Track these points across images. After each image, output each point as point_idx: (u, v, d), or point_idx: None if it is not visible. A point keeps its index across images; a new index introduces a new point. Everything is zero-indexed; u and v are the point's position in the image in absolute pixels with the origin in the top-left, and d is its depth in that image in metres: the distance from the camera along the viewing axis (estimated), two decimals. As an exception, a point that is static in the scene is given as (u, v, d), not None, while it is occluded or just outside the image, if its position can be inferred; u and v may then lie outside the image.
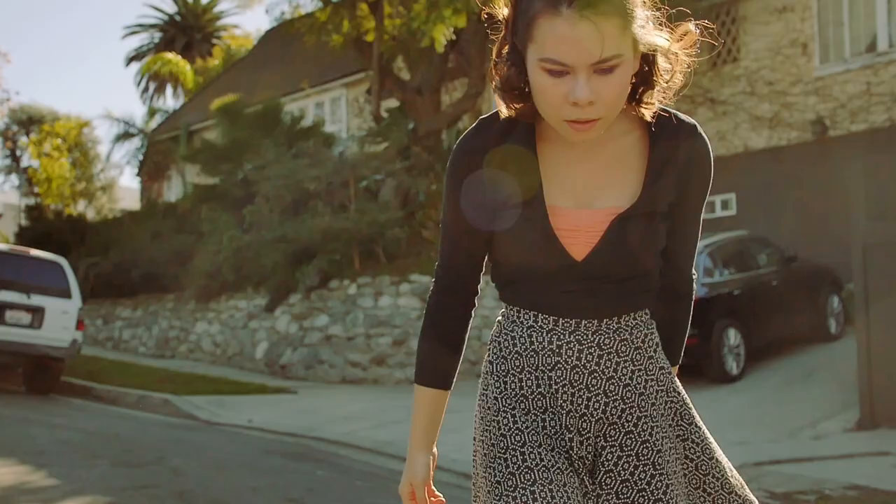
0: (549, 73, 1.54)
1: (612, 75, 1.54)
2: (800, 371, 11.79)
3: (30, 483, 6.51)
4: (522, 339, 1.76)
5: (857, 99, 15.00)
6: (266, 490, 6.71)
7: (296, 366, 15.18)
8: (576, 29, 1.50)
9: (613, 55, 1.53)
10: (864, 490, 6.77)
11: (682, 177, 1.73)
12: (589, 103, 1.54)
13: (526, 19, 1.56)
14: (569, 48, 1.51)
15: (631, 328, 1.74)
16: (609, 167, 1.70)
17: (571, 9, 1.50)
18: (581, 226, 1.68)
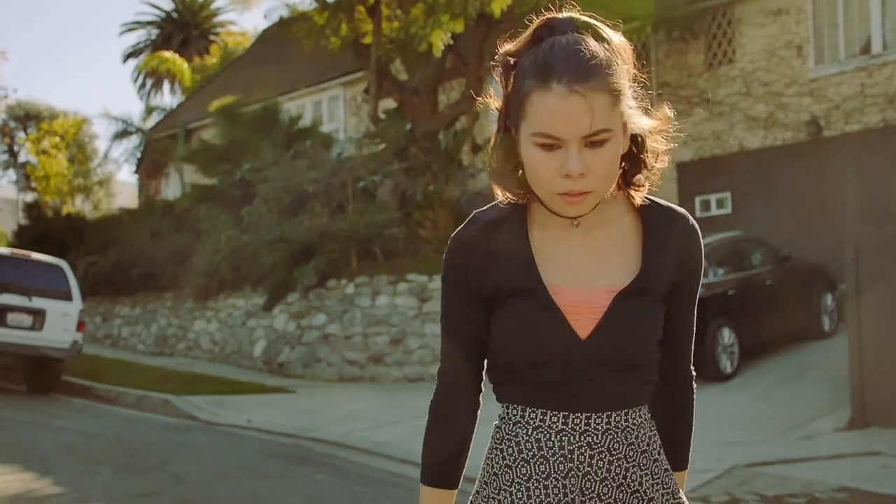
0: (541, 148, 1.57)
1: (602, 149, 1.57)
2: (793, 369, 11.92)
3: (36, 491, 6.63)
4: (529, 444, 1.68)
5: (851, 100, 15.12)
6: (266, 497, 6.82)
7: (294, 364, 15.29)
8: (566, 103, 1.54)
9: (603, 129, 1.56)
10: (853, 492, 6.90)
11: (678, 262, 1.73)
12: (580, 175, 1.56)
13: (518, 98, 1.60)
14: (560, 121, 1.54)
15: (637, 427, 1.70)
16: (605, 249, 1.70)
17: (562, 84, 1.54)
18: (583, 302, 1.66)
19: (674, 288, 1.74)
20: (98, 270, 19.74)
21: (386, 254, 15.21)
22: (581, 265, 1.69)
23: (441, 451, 1.79)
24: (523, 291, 1.66)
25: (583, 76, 1.55)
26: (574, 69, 1.55)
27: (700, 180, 16.69)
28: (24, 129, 38.10)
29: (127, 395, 13.07)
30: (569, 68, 1.55)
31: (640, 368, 1.71)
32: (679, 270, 1.74)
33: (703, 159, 16.76)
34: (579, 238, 1.70)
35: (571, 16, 1.66)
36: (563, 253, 1.69)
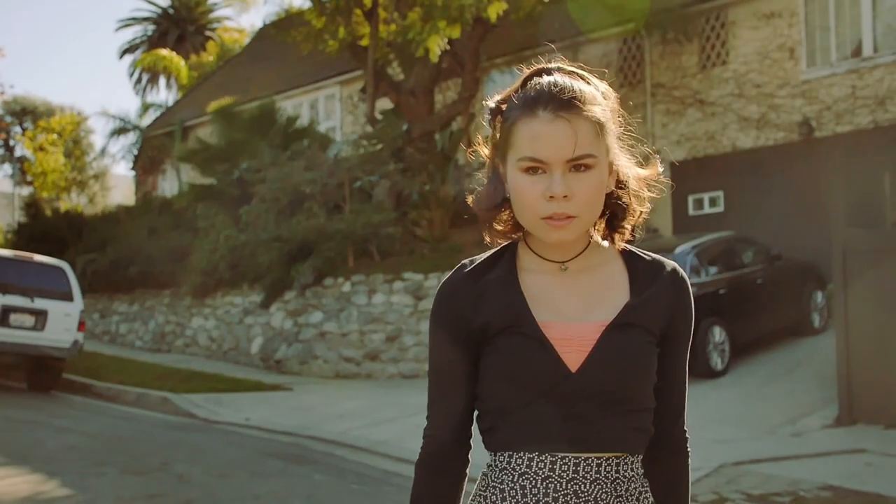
0: (527, 173, 1.60)
1: (586, 174, 1.59)
2: (783, 366, 12.12)
3: (45, 493, 6.80)
4: (513, 491, 1.65)
5: (842, 102, 15.30)
6: (267, 497, 6.99)
7: (290, 361, 15.45)
8: (551, 126, 1.58)
9: (587, 154, 1.59)
10: (838, 490, 7.08)
11: (666, 310, 1.72)
12: (564, 198, 1.57)
13: (505, 129, 1.64)
14: (544, 144, 1.57)
15: (627, 480, 1.67)
16: (593, 290, 1.70)
17: (547, 111, 1.59)
18: (573, 336, 1.65)
19: (665, 337, 1.72)
20: (96, 268, 19.87)
21: (382, 253, 15.38)
22: (570, 303, 1.68)
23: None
24: (512, 328, 1.64)
25: (567, 104, 1.60)
26: (559, 97, 1.61)
27: (693, 179, 16.87)
28: (21, 125, 38.13)
29: (126, 393, 13.24)
30: (554, 97, 1.61)
31: (632, 411, 1.67)
32: (669, 320, 1.72)
33: (696, 159, 16.94)
34: (568, 281, 1.70)
35: (559, 66, 1.73)
36: (551, 294, 1.68)
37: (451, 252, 14.54)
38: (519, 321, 1.65)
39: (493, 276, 1.70)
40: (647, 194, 1.77)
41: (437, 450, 1.75)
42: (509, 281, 1.68)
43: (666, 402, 1.76)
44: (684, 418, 1.83)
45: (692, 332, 1.80)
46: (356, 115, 21.90)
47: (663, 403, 1.75)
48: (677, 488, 1.82)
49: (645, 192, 1.76)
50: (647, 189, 1.77)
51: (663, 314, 1.71)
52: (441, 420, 1.74)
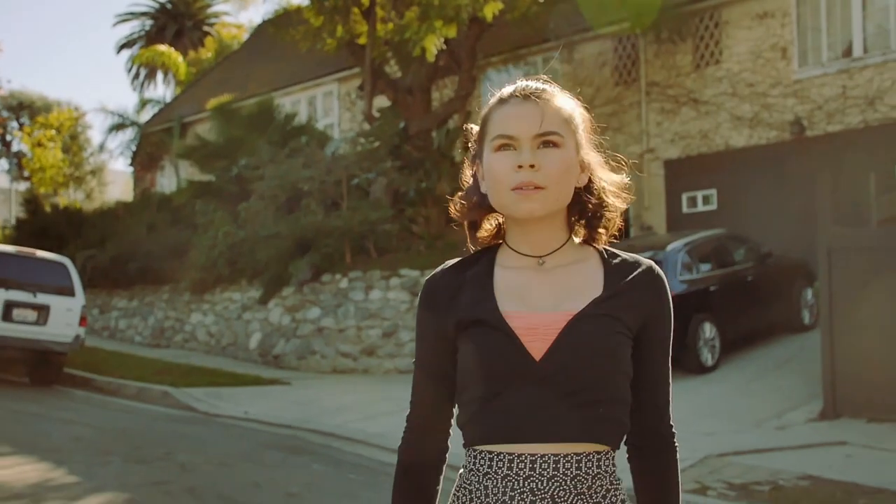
0: (499, 150, 1.71)
1: (553, 150, 1.69)
2: (772, 362, 12.34)
3: (53, 480, 7.04)
4: (478, 492, 1.71)
5: (833, 101, 15.52)
6: (268, 485, 7.24)
7: (288, 356, 15.65)
8: (521, 107, 1.73)
9: (554, 131, 1.70)
10: (816, 480, 7.32)
11: (643, 306, 1.76)
12: (531, 166, 1.67)
13: (482, 122, 1.79)
14: (514, 121, 1.71)
15: (591, 477, 1.69)
16: (567, 284, 1.75)
17: (517, 96, 1.75)
18: (538, 326, 1.69)
19: (642, 334, 1.76)
20: (96, 264, 20.03)
21: (379, 249, 15.58)
22: (541, 295, 1.74)
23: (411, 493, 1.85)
24: (480, 321, 1.71)
25: (538, 90, 1.77)
26: (530, 87, 1.77)
27: (687, 177, 17.10)
28: (17, 119, 38.22)
29: (127, 387, 13.44)
30: (525, 87, 1.78)
31: (600, 401, 1.68)
32: (645, 318, 1.76)
33: (689, 157, 17.16)
34: (543, 276, 1.76)
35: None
36: (524, 287, 1.75)
37: (448, 249, 14.74)
38: (485, 314, 1.72)
39: (470, 272, 1.79)
40: (619, 203, 1.85)
41: (415, 437, 1.88)
42: (484, 277, 1.77)
43: (650, 399, 1.79)
44: (670, 415, 1.85)
45: (672, 330, 1.83)
46: (354, 113, 22.09)
47: (648, 401, 1.79)
48: (667, 484, 1.83)
49: (617, 200, 1.85)
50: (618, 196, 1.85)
51: (638, 310, 1.75)
52: (420, 408, 1.87)
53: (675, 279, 12.31)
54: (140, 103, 32.96)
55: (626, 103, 17.93)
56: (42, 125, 30.68)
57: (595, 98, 18.18)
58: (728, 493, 7.12)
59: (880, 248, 9.68)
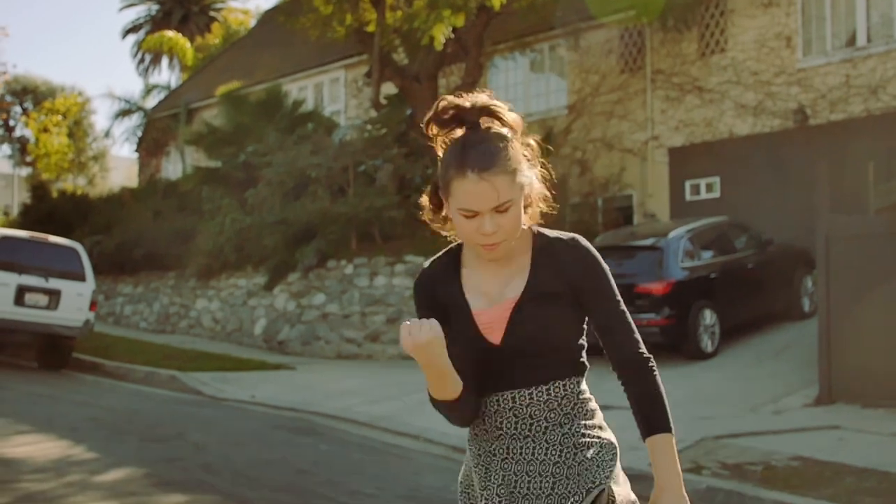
0: (464, 217, 2.14)
1: (507, 213, 2.14)
2: (771, 348, 12.48)
3: (74, 456, 7.27)
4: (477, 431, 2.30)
5: (836, 90, 15.60)
6: (278, 463, 7.45)
7: (293, 342, 15.81)
8: (478, 186, 2.11)
9: (506, 201, 2.13)
10: (807, 461, 7.54)
11: (569, 269, 2.23)
12: (493, 233, 2.14)
13: (445, 181, 2.18)
14: (475, 200, 2.12)
15: (560, 398, 2.25)
16: (508, 276, 2.27)
17: (474, 173, 2.11)
18: (494, 319, 2.24)
19: (578, 291, 2.24)
20: (102, 250, 20.14)
21: (384, 236, 15.71)
22: (492, 288, 2.27)
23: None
24: (458, 313, 2.26)
25: (488, 166, 2.12)
26: (481, 162, 2.11)
27: (690, 165, 17.20)
28: (21, 104, 38.28)
29: (135, 372, 13.61)
30: (477, 161, 2.11)
31: (553, 353, 2.25)
32: (573, 277, 2.23)
33: (693, 144, 17.25)
34: (493, 271, 2.28)
35: (476, 103, 2.19)
36: (480, 281, 2.28)
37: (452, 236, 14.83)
38: (462, 310, 2.26)
39: (443, 272, 2.32)
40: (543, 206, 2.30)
41: None
42: (454, 278, 2.31)
43: (612, 337, 2.25)
44: (638, 343, 2.25)
45: (608, 277, 2.25)
46: (360, 100, 22.18)
47: (611, 339, 2.25)
48: (653, 398, 2.21)
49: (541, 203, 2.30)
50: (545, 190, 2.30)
51: (563, 276, 2.22)
52: None
53: (676, 266, 12.44)
54: (146, 89, 33.02)
55: (631, 91, 18.02)
56: (48, 110, 30.74)
57: (601, 85, 18.28)
58: (721, 472, 7.31)
59: (878, 236, 9.80)
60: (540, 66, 19.61)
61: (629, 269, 12.68)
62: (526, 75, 19.72)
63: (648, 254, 12.63)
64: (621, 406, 8.50)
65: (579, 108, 18.60)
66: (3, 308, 12.86)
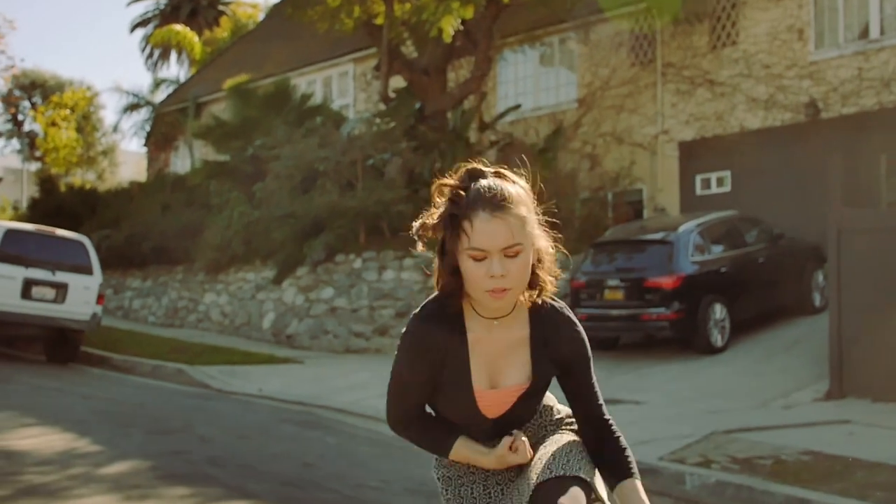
0: (473, 260, 2.19)
1: (516, 258, 2.20)
2: (782, 343, 12.40)
3: (78, 448, 7.23)
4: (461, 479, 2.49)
5: (848, 83, 15.47)
6: (284, 456, 7.41)
7: (302, 336, 15.77)
8: (489, 225, 2.18)
9: (517, 243, 2.19)
10: (817, 455, 7.49)
11: (559, 351, 2.37)
12: (502, 276, 2.18)
13: (456, 222, 2.23)
14: (486, 238, 2.18)
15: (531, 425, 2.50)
16: (508, 355, 2.36)
17: (486, 212, 2.18)
18: (494, 402, 2.36)
19: (564, 367, 2.39)
20: (110, 244, 20.14)
21: (393, 230, 15.64)
22: (495, 369, 2.36)
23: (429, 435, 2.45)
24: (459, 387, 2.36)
25: (499, 206, 2.20)
26: (494, 201, 2.20)
27: (701, 159, 17.09)
28: (30, 99, 38.29)
29: (142, 365, 13.59)
30: (490, 201, 2.20)
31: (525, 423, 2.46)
32: (563, 356, 2.38)
33: (704, 138, 17.14)
34: (495, 341, 2.34)
35: (493, 169, 2.31)
36: (484, 357, 2.35)
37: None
38: (465, 389, 2.36)
39: (448, 333, 2.33)
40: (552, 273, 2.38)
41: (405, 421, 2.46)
42: (461, 343, 2.34)
43: (584, 403, 2.40)
44: (603, 408, 2.41)
45: (589, 353, 2.41)
46: (369, 93, 22.11)
47: (582, 405, 2.40)
48: (619, 451, 2.37)
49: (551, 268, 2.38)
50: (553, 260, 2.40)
51: (558, 354, 2.37)
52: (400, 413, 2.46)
53: (686, 260, 12.37)
54: (154, 83, 32.93)
55: (641, 84, 17.90)
56: (56, 105, 30.74)
57: (611, 79, 18.17)
58: (731, 466, 7.25)
59: (890, 229, 9.72)
60: (550, 60, 19.50)
61: (639, 263, 12.64)
62: (536, 69, 19.62)
63: (658, 248, 12.58)
64: (630, 400, 8.49)
65: (589, 101, 18.50)
66: (10, 301, 12.84)
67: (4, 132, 37.98)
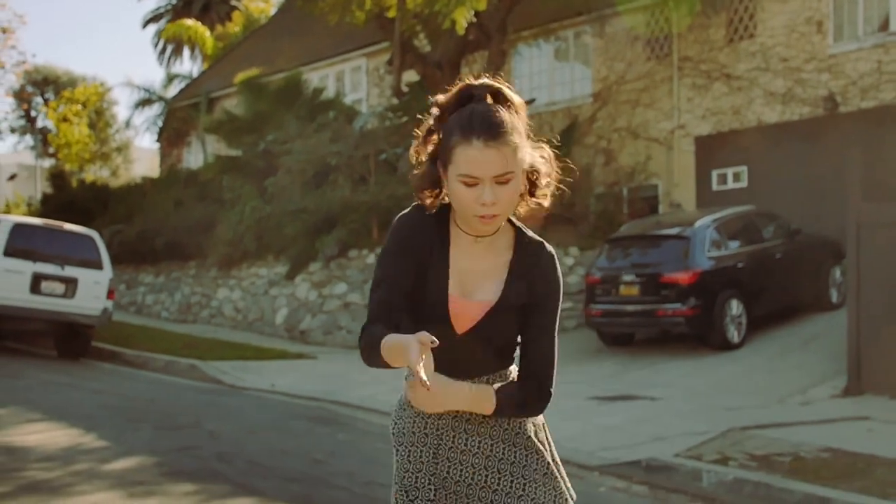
0: (464, 185, 2.18)
1: (507, 185, 2.19)
2: (798, 339, 12.25)
3: (84, 444, 7.14)
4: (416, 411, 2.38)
5: (867, 77, 15.25)
6: (294, 452, 7.31)
7: (315, 331, 15.68)
8: (483, 153, 2.16)
9: (508, 171, 2.18)
10: (836, 452, 7.35)
11: (532, 281, 2.33)
12: (493, 203, 2.18)
13: (447, 148, 2.21)
14: (478, 166, 2.16)
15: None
16: (488, 271, 2.33)
17: (479, 140, 2.15)
18: (464, 313, 2.31)
19: (531, 302, 2.33)
20: (123, 239, 20.12)
21: (406, 225, 15.52)
22: (470, 280, 2.32)
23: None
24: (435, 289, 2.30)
25: (493, 135, 2.17)
26: (487, 130, 2.16)
27: (717, 154, 16.90)
28: (42, 95, 38.33)
29: (155, 361, 13.52)
30: (483, 130, 2.16)
31: (502, 350, 2.37)
32: (537, 291, 2.33)
33: (720, 133, 16.95)
34: (476, 257, 2.33)
35: (484, 82, 2.26)
36: (463, 268, 2.33)
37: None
38: (439, 287, 2.30)
39: (436, 235, 2.32)
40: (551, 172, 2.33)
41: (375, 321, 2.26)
42: (442, 249, 2.32)
43: (527, 357, 2.34)
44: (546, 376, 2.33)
45: (559, 304, 2.36)
46: (382, 88, 22.01)
47: (525, 359, 2.33)
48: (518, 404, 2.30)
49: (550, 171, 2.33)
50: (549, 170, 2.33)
51: (532, 288, 2.32)
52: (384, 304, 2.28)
53: (702, 256, 12.22)
54: (167, 78, 32.98)
55: (657, 78, 17.72)
56: (68, 100, 30.76)
57: (626, 73, 17.99)
58: (749, 463, 7.11)
59: (910, 224, 9.52)
60: (564, 54, 19.34)
61: (655, 258, 12.51)
62: (550, 63, 19.46)
63: (674, 243, 12.44)
64: (645, 396, 8.29)
65: (604, 96, 18.33)
66: (19, 296, 12.78)
67: (17, 128, 38.13)
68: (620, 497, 6.55)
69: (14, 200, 31.42)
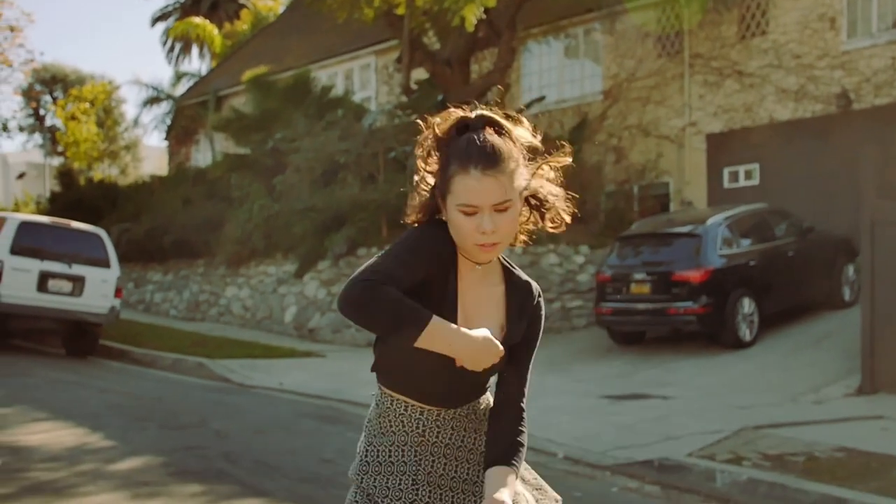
0: (464, 214, 2.19)
1: (505, 213, 2.20)
2: (811, 337, 12.15)
3: (90, 444, 7.07)
4: (397, 423, 2.36)
5: (882, 73, 15.11)
6: (302, 451, 7.23)
7: (324, 330, 15.62)
8: (481, 182, 2.17)
9: (506, 199, 2.19)
10: (851, 451, 7.26)
11: (531, 323, 2.37)
12: (493, 231, 2.19)
13: (445, 178, 2.22)
14: (477, 195, 2.17)
15: (476, 411, 2.40)
16: (483, 303, 2.33)
17: (477, 169, 2.17)
18: None
19: (520, 341, 2.35)
20: (131, 237, 20.09)
21: (415, 223, 15.44)
22: (472, 315, 2.31)
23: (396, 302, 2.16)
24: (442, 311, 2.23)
25: (490, 164, 2.18)
26: (484, 159, 2.18)
27: (729, 152, 16.78)
28: (51, 93, 38.32)
29: (163, 359, 13.47)
30: (481, 159, 2.18)
31: (483, 383, 2.39)
32: (527, 329, 2.36)
33: (732, 130, 16.83)
34: (473, 284, 2.32)
35: (480, 113, 2.27)
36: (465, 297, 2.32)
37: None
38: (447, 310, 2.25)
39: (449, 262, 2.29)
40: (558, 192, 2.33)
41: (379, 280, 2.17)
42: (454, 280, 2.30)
43: (510, 390, 2.34)
44: (523, 401, 2.35)
45: (538, 341, 2.39)
46: (391, 86, 21.93)
47: (508, 391, 2.34)
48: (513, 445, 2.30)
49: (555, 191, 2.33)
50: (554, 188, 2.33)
51: (524, 327, 2.35)
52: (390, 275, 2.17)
53: (714, 254, 12.13)
54: (175, 77, 32.94)
55: (668, 76, 17.59)
56: (76, 98, 30.76)
57: (637, 70, 17.88)
58: (763, 463, 7.02)
59: (925, 221, 9.41)
60: (574, 52, 19.23)
61: (666, 256, 12.43)
62: (560, 60, 19.35)
63: (686, 241, 12.35)
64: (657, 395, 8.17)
65: (615, 93, 18.21)
66: (27, 294, 12.73)
67: (26, 127, 38.12)
68: (633, 497, 6.46)
69: (23, 199, 31.43)
